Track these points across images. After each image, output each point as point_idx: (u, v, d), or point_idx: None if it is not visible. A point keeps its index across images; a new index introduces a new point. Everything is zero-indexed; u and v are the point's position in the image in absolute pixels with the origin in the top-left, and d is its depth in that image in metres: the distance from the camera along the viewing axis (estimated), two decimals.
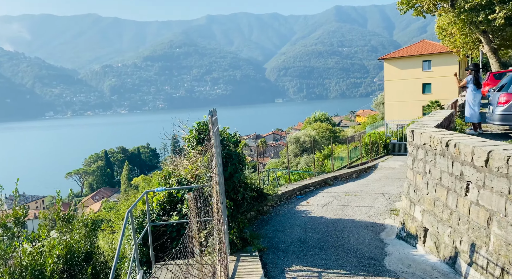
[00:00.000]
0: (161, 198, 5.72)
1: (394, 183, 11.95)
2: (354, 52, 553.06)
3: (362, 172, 15.32)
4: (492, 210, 3.91)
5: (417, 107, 39.94)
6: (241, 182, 5.23)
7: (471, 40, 27.40)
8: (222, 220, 4.20)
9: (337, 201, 9.73)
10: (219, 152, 4.90)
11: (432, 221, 5.31)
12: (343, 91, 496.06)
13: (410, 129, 6.10)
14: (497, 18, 20.76)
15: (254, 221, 8.26)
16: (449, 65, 38.83)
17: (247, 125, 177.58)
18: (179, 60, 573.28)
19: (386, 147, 20.50)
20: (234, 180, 4.98)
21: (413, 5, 25.75)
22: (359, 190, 11.18)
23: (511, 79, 7.92)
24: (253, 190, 8.45)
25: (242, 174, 5.08)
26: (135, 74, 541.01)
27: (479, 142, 4.43)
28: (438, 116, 7.63)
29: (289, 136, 57.21)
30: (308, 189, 11.41)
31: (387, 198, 9.75)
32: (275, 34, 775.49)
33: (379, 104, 60.94)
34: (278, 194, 9.82)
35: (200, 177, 5.36)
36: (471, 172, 4.29)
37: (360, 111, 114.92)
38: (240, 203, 5.19)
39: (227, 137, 5.42)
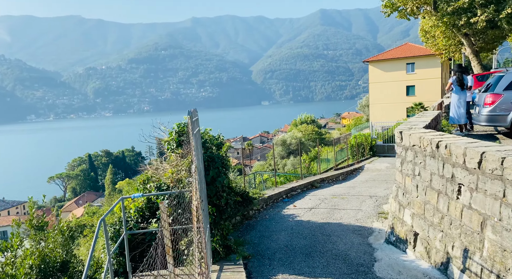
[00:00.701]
0: (139, 204, 5.38)
1: (381, 185, 11.85)
2: (339, 55, 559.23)
3: (348, 174, 15.22)
4: (486, 214, 3.75)
5: (401, 109, 40.41)
6: (225, 187, 4.96)
7: (453, 43, 27.83)
8: (203, 228, 3.91)
9: (324, 204, 9.54)
10: (201, 155, 4.62)
11: (422, 225, 5.14)
12: (329, 93, 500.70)
13: (398, 130, 5.93)
14: (478, 21, 21.07)
15: (239, 226, 7.97)
16: (432, 67, 39.47)
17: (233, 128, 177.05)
18: (165, 62, 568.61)
19: (372, 149, 20.52)
20: (217, 185, 4.70)
21: (397, 8, 25.96)
22: (346, 192, 11.02)
23: (497, 80, 7.88)
24: (238, 194, 8.18)
25: (225, 178, 4.80)
26: (119, 77, 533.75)
27: (471, 143, 4.27)
28: (425, 117, 7.52)
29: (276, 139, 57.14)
30: (294, 192, 11.19)
31: (374, 201, 9.60)
32: (261, 37, 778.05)
33: (364, 106, 61.55)
34: (264, 198, 9.56)
35: (181, 181, 5.06)
36: (463, 174, 4.12)
37: (345, 114, 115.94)
38: (223, 209, 4.91)
39: (210, 140, 5.14)
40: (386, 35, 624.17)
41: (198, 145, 4.40)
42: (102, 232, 5.52)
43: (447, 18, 22.51)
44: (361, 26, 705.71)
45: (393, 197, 6.32)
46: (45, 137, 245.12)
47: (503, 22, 20.24)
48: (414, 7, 24.99)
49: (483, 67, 26.83)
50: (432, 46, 30.08)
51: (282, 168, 42.00)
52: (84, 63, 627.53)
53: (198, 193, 3.85)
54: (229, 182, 6.98)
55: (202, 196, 4.18)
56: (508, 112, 7.57)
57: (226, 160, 5.15)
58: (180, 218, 5.14)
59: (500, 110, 7.68)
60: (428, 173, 4.95)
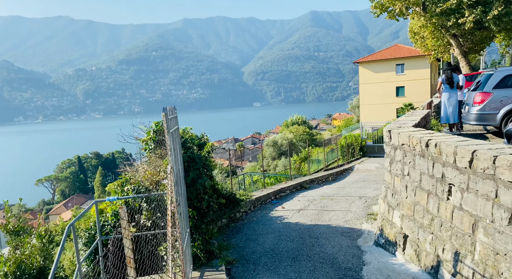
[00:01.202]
0: (117, 207, 5.11)
1: (371, 186, 11.70)
2: (329, 57, 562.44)
3: (338, 175, 15.07)
4: (478, 216, 3.57)
5: (391, 110, 40.57)
6: (207, 189, 4.71)
7: (442, 43, 28.00)
8: (181, 233, 3.67)
9: (313, 206, 9.34)
10: (180, 155, 4.37)
11: (412, 227, 4.95)
12: (320, 95, 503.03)
13: (387, 129, 5.76)
14: (466, 22, 21.18)
15: (225, 229, 7.73)
16: (421, 68, 39.74)
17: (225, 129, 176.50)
18: (155, 63, 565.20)
19: (362, 149, 20.44)
20: (197, 187, 4.46)
21: (386, 8, 25.99)
22: (336, 193, 10.85)
23: (487, 78, 7.79)
24: (224, 196, 7.94)
25: (207, 180, 4.56)
26: (109, 78, 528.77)
27: (461, 141, 4.10)
28: (415, 116, 7.37)
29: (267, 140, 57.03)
30: (283, 193, 10.98)
31: (364, 201, 9.44)
32: (252, 38, 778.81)
33: (354, 107, 61.88)
34: (252, 200, 9.33)
35: (161, 183, 4.80)
36: (453, 173, 3.95)
37: (336, 115, 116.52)
38: (205, 212, 4.67)
39: (190, 139, 4.89)
40: (376, 37, 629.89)
41: (176, 144, 4.15)
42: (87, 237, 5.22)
43: (435, 19, 22.59)
44: (351, 28, 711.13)
45: (382, 197, 6.14)
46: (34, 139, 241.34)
47: (490, 23, 20.36)
48: (403, 8, 25.06)
49: (472, 68, 27.01)
50: (421, 47, 30.24)
51: (273, 169, 41.88)
52: (74, 64, 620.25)
53: (174, 196, 3.61)
54: (213, 184, 6.73)
55: (180, 199, 3.93)
56: (497, 111, 7.48)
57: (208, 160, 4.90)
58: (159, 222, 4.88)
59: (489, 109, 7.58)
60: (418, 173, 4.78)
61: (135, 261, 4.75)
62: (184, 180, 4.37)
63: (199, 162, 4.53)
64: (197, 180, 4.48)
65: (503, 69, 7.70)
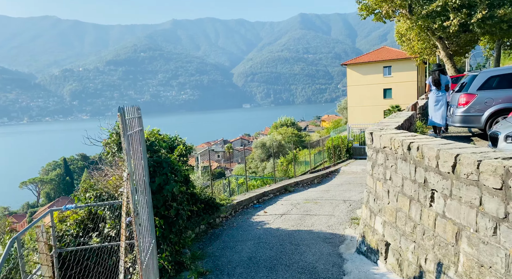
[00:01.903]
0: (79, 216, 4.73)
1: (356, 188, 11.50)
2: (319, 59, 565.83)
3: (324, 177, 14.86)
4: (461, 224, 3.32)
5: (378, 112, 40.74)
6: (176, 195, 4.38)
7: (428, 46, 28.17)
8: (139, 246, 3.33)
9: (296, 210, 9.06)
10: (144, 159, 4.03)
11: (394, 235, 4.70)
12: (309, 96, 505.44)
13: (369, 131, 5.51)
14: (451, 25, 21.29)
15: (203, 236, 7.38)
16: (408, 71, 40.03)
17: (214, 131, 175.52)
18: (144, 64, 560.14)
19: (349, 151, 20.32)
20: (164, 193, 4.12)
21: (373, 10, 26.01)
22: (320, 196, 10.60)
23: (471, 79, 7.63)
24: (203, 201, 7.61)
25: (175, 186, 4.22)
26: (97, 79, 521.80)
27: (444, 144, 3.86)
28: (398, 118, 7.16)
29: (255, 142, 56.79)
30: (266, 196, 10.68)
31: (348, 205, 9.20)
32: (242, 40, 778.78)
33: (342, 109, 62.13)
34: (233, 204, 9.00)
35: None
36: (436, 179, 3.70)
37: (325, 116, 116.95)
38: (173, 221, 4.33)
39: (158, 141, 4.55)
40: (365, 39, 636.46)
41: (138, 147, 3.81)
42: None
43: (421, 21, 22.66)
44: (340, 31, 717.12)
45: (364, 202, 5.89)
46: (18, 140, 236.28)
47: (475, 26, 20.49)
48: (390, 10, 25.12)
49: (457, 70, 27.21)
50: (408, 49, 30.40)
51: (262, 171, 41.61)
52: (60, 65, 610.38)
53: (131, 205, 3.27)
54: (190, 189, 6.38)
55: (140, 208, 3.59)
56: (482, 113, 7.32)
57: (177, 164, 4.57)
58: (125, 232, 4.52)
59: (474, 110, 7.42)
60: (400, 178, 4.53)
61: (96, 274, 4.37)
62: (149, 187, 4.03)
63: (167, 167, 4.19)
64: (164, 186, 4.15)
65: (487, 71, 7.57)
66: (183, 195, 5.34)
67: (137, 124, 3.97)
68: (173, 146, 5.04)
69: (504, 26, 21.50)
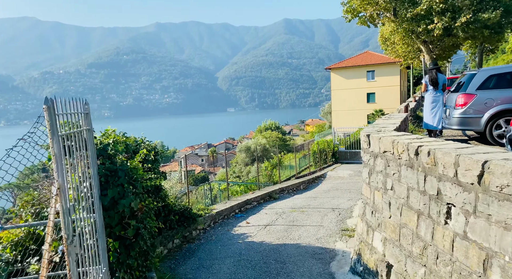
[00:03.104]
0: (15, 237, 3.84)
1: (344, 195, 10.85)
2: (302, 64, 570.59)
3: (310, 183, 14.19)
4: (491, 249, 2.64)
5: (362, 116, 40.67)
6: (135, 211, 3.57)
7: (412, 49, 28.12)
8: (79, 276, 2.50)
9: (281, 220, 8.31)
10: (94, 167, 3.21)
11: (397, 255, 4.00)
12: (293, 101, 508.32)
13: (365, 133, 4.82)
14: (435, 28, 21.16)
15: (177, 252, 6.53)
16: (391, 75, 40.13)
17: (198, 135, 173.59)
18: (127, 67, 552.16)
19: (335, 155, 19.76)
20: (119, 209, 3.32)
21: (358, 13, 25.76)
22: (307, 204, 9.89)
23: (469, 78, 7.09)
24: (178, 212, 6.77)
25: (133, 199, 3.41)
26: (78, 82, 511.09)
27: (462, 148, 3.19)
28: (394, 119, 6.53)
29: (240, 146, 56.05)
30: (249, 205, 9.89)
31: (337, 214, 8.52)
32: (226, 44, 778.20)
33: (326, 113, 62.14)
34: (212, 214, 8.18)
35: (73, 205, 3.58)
36: (454, 191, 3.02)
37: (309, 120, 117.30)
38: (131, 243, 3.53)
39: (113, 145, 3.73)
40: (347, 45, 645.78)
41: (83, 152, 2.99)
42: None
43: (406, 24, 22.48)
44: (323, 36, 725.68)
45: (360, 215, 5.18)
46: None
47: (459, 30, 20.43)
48: (374, 13, 24.90)
49: None
50: (392, 53, 30.30)
51: (246, 175, 40.82)
52: (40, 67, 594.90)
53: (63, 230, 2.45)
54: (160, 200, 5.55)
55: (85, 230, 2.77)
56: (481, 115, 6.77)
57: (137, 173, 3.76)
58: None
59: (473, 112, 6.87)
60: (404, 188, 3.84)
61: None
62: (100, 201, 3.21)
63: (123, 176, 3.39)
64: (119, 200, 3.34)
65: (487, 69, 7.06)
66: (149, 209, 4.50)
67: (83, 123, 3.15)
68: (138, 151, 4.25)
69: (486, 32, 21.58)
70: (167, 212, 6.54)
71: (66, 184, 2.48)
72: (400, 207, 3.96)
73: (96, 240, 3.20)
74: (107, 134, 4.07)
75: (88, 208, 3.09)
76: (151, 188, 5.09)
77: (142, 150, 4.39)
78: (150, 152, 5.16)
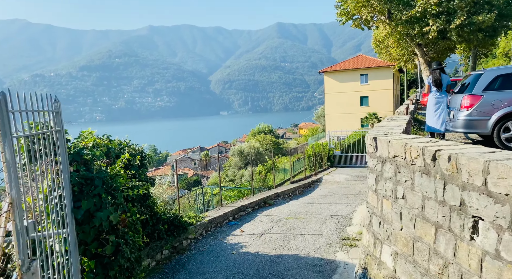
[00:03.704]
0: None
1: (342, 201, 10.45)
2: (295, 68, 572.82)
3: (306, 187, 13.78)
4: None
5: (355, 119, 40.54)
6: (115, 225, 3.11)
7: (406, 52, 28.04)
8: None
9: (277, 228, 7.87)
10: (66, 174, 2.75)
11: (411, 272, 3.59)
12: (286, 104, 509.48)
13: (371, 136, 4.42)
14: (430, 31, 21.04)
15: (166, 264, 6.05)
16: (384, 79, 40.08)
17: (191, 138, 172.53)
18: (119, 70, 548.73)
19: (330, 159, 19.39)
20: (96, 223, 2.87)
21: (352, 16, 25.59)
22: (304, 211, 9.46)
23: (475, 79, 6.75)
24: (167, 220, 6.31)
25: (113, 212, 2.94)
26: (70, 85, 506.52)
27: (490, 153, 2.80)
28: (398, 121, 6.15)
29: (233, 149, 55.63)
30: (244, 211, 9.44)
31: (336, 222, 8.10)
32: (220, 47, 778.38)
33: (319, 117, 62.06)
34: (204, 222, 7.71)
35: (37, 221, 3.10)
36: (482, 202, 2.62)
37: (302, 124, 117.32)
38: (110, 262, 3.07)
39: (90, 149, 3.27)
40: (340, 49, 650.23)
41: (52, 157, 2.53)
42: None
43: (401, 27, 22.34)
44: (316, 40, 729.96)
45: (365, 225, 4.77)
46: None
47: (453, 32, 20.34)
48: (369, 16, 24.74)
49: None
50: (386, 56, 30.19)
51: (239, 179, 40.35)
52: (31, 69, 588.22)
53: (16, 254, 1.99)
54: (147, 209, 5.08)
55: (49, 251, 2.31)
56: (488, 117, 6.43)
57: (118, 181, 3.29)
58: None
59: (479, 114, 6.53)
60: (419, 197, 3.44)
61: None
62: (72, 215, 2.75)
63: (100, 185, 2.93)
64: (96, 212, 2.88)
65: (494, 69, 6.74)
66: (134, 221, 4.03)
67: (53, 123, 2.70)
68: (117, 154, 3.79)
69: (480, 36, 21.54)
70: (155, 221, 6.07)
71: (21, 197, 2.02)
72: (413, 218, 3.55)
73: (67, 260, 2.74)
74: (83, 137, 3.61)
75: (58, 222, 2.63)
76: (136, 196, 4.62)
77: (124, 155, 3.94)
78: (134, 157, 4.69)
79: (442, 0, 20.55)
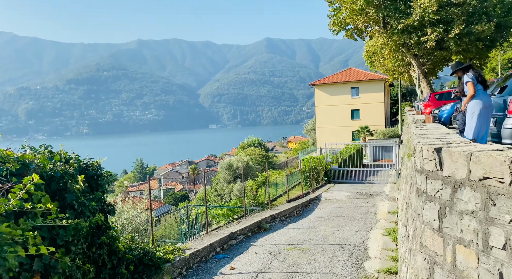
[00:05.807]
0: None
1: (349, 224, 8.96)
2: (284, 82, 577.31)
3: (304, 207, 12.27)
4: None
5: (347, 132, 39.58)
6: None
7: (402, 63, 27.27)
8: None
9: (277, 263, 6.30)
10: None
11: None
12: (275, 118, 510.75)
13: (432, 148, 2.96)
14: (428, 40, 20.21)
15: None
16: (375, 92, 39.40)
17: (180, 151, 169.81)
18: (107, 83, 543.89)
19: (327, 174, 17.96)
20: None
21: (345, 25, 24.73)
22: (307, 238, 7.92)
23: None
24: (133, 259, 4.69)
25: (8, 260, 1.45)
26: (56, 98, 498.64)
27: None
28: (441, 129, 4.76)
29: (221, 163, 53.90)
30: (234, 240, 7.84)
31: (349, 254, 6.58)
32: (208, 61, 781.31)
33: (309, 130, 61.04)
34: (185, 257, 6.09)
35: None
36: None
37: (291, 137, 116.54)
38: None
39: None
40: (328, 64, 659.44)
41: None
42: None
43: (396, 37, 21.48)
44: (304, 55, 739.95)
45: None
46: None
47: (451, 42, 19.58)
48: (363, 26, 23.88)
49: (431, 89, 26.26)
50: (380, 67, 29.33)
51: (228, 194, 38.60)
52: (16, 82, 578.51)
53: None
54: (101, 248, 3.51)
55: None
56: None
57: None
58: None
59: None
60: None
61: None
62: None
63: None
64: None
65: None
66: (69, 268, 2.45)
67: None
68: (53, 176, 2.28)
69: (480, 45, 20.92)
70: (115, 262, 4.47)
71: None
72: None
73: None
74: None
75: None
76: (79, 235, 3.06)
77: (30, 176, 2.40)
78: (72, 176, 3.13)
79: (441, 9, 19.81)
